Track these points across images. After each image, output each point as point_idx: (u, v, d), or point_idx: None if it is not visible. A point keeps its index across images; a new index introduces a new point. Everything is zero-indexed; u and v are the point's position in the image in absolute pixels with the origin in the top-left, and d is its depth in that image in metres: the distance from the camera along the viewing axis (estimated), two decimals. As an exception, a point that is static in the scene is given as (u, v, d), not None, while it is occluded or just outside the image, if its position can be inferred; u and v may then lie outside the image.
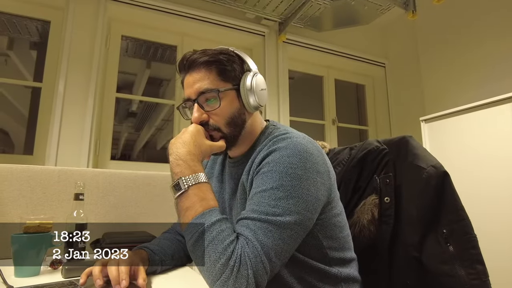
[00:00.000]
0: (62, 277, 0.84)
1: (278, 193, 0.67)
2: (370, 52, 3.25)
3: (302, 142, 0.74)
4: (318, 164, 0.73)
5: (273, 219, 0.64)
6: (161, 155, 5.54)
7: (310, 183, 0.70)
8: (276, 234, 0.64)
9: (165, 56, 2.93)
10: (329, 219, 0.77)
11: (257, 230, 0.64)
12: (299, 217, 0.67)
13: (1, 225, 1.14)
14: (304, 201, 0.68)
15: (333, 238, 0.77)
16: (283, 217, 0.65)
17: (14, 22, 2.35)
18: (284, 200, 0.66)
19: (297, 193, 0.67)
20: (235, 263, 0.60)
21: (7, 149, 2.59)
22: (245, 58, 0.83)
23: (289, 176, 0.68)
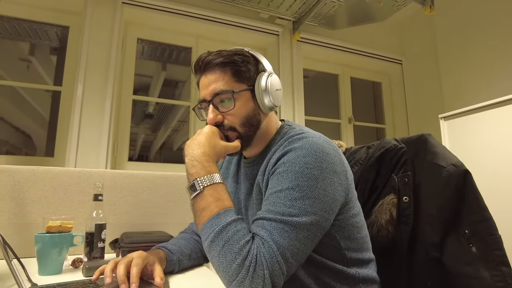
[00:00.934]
0: (83, 275, 0.86)
1: (294, 193, 0.66)
2: (386, 49, 3.20)
3: (318, 141, 0.73)
4: (334, 164, 0.72)
5: (289, 220, 0.64)
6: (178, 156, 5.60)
7: (327, 183, 0.69)
8: (292, 234, 0.63)
9: (180, 58, 2.96)
10: (346, 220, 0.76)
11: (272, 231, 0.63)
12: (315, 217, 0.66)
13: (25, 224, 1.18)
14: (321, 202, 0.67)
15: (350, 238, 0.76)
16: (299, 218, 0.64)
17: (35, 28, 2.43)
18: (300, 201, 0.66)
19: (313, 194, 0.67)
20: (251, 263, 0.59)
21: (30, 151, 2.67)
22: (260, 58, 0.82)
23: (305, 176, 0.67)
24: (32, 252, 0.93)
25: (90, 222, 1.03)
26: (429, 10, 2.29)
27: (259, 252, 0.61)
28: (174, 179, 1.43)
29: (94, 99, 2.14)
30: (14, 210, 1.17)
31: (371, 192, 0.96)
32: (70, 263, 0.98)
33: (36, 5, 2.24)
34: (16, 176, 1.19)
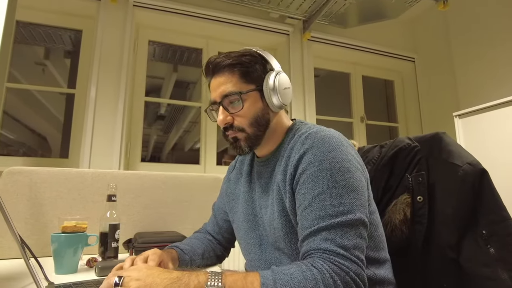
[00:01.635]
0: (96, 275, 0.87)
1: (337, 190, 0.66)
2: (399, 46, 3.15)
3: (335, 135, 0.74)
4: (355, 155, 0.74)
5: (344, 220, 0.63)
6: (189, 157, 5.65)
7: (358, 173, 0.70)
8: (352, 233, 0.63)
9: (191, 59, 2.98)
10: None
11: (334, 238, 0.62)
12: (364, 209, 0.67)
13: (42, 225, 1.20)
14: (362, 193, 0.68)
15: (368, 236, 0.75)
16: (352, 214, 0.64)
17: (49, 33, 2.48)
18: (346, 196, 0.65)
19: (353, 186, 0.67)
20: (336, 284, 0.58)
21: (45, 153, 2.73)
22: (268, 57, 0.83)
23: (339, 171, 0.67)
24: (48, 252, 0.95)
25: (104, 222, 1.04)
26: (442, 6, 2.25)
27: (330, 274, 0.59)
28: (186, 179, 1.44)
29: (107, 101, 2.17)
30: (31, 211, 1.19)
31: (384, 192, 0.94)
32: (85, 262, 1.00)
33: (51, 10, 2.29)
34: (33, 177, 1.22)
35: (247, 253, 0.87)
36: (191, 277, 0.59)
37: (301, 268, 0.60)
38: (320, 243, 0.63)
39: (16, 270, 0.98)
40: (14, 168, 1.21)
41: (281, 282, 0.58)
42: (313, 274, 0.58)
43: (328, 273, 0.58)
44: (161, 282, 0.57)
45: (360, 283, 0.60)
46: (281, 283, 0.58)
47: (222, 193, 1.01)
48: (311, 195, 0.67)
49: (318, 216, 0.65)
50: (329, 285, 0.57)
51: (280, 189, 0.76)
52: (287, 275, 0.59)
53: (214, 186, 1.48)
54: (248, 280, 0.59)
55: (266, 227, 0.80)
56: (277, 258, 0.78)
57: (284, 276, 0.59)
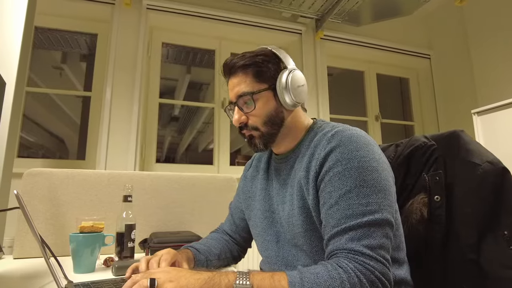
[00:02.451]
0: (112, 274, 0.89)
1: (364, 190, 0.65)
2: (414, 43, 3.10)
3: (361, 134, 0.73)
4: (382, 155, 0.73)
5: (371, 219, 0.63)
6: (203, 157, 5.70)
7: (386, 173, 0.69)
8: (379, 233, 0.63)
9: (204, 61, 3.00)
10: None
11: (361, 238, 0.62)
12: (391, 209, 0.66)
13: (60, 225, 1.23)
14: (389, 193, 0.67)
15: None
16: (380, 214, 0.64)
17: (66, 37, 2.54)
18: (373, 196, 0.65)
19: (381, 186, 0.66)
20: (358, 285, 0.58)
21: (63, 155, 2.79)
22: (283, 56, 0.83)
23: (367, 170, 0.67)
24: (67, 251, 0.97)
25: (120, 223, 1.06)
26: (459, 1, 2.20)
27: (356, 273, 0.59)
28: (201, 180, 1.45)
29: (122, 103, 2.21)
30: (51, 211, 1.22)
31: (400, 192, 0.92)
32: (102, 262, 1.02)
33: (67, 15, 2.35)
34: (52, 179, 1.25)
35: (264, 249, 0.87)
36: (221, 277, 0.60)
37: (327, 267, 0.60)
38: (346, 242, 0.63)
39: (37, 268, 1.00)
40: (34, 169, 1.24)
41: (308, 281, 0.58)
42: (339, 273, 0.59)
43: (354, 272, 0.59)
44: (195, 282, 0.58)
45: (386, 282, 0.60)
46: (307, 281, 0.58)
47: (239, 192, 1.02)
48: (338, 194, 0.67)
49: (345, 215, 0.65)
50: (355, 284, 0.58)
51: (302, 186, 0.75)
52: (313, 274, 0.60)
53: (228, 186, 1.49)
54: (276, 278, 0.60)
55: (284, 224, 0.80)
56: (295, 255, 0.78)
57: (311, 275, 0.59)
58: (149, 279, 0.58)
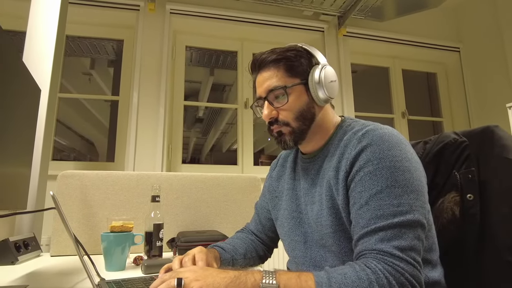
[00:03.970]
0: (142, 273, 0.91)
1: (396, 190, 0.64)
2: (441, 37, 2.99)
3: (393, 133, 0.71)
4: (414, 154, 0.71)
5: (402, 220, 0.61)
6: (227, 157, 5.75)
7: (419, 173, 0.67)
8: (411, 234, 0.61)
9: (226, 62, 3.03)
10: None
11: (391, 239, 0.61)
12: (423, 210, 0.64)
13: (92, 224, 1.28)
14: (422, 193, 0.66)
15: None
16: (411, 215, 0.62)
17: (94, 44, 2.64)
18: (405, 196, 0.63)
19: (413, 187, 0.64)
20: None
21: (93, 157, 2.90)
22: (314, 52, 0.82)
23: (399, 170, 0.65)
24: (98, 250, 1.01)
25: (148, 222, 1.08)
26: (490, -9, 2.10)
27: (385, 274, 0.58)
28: (225, 179, 1.47)
29: (149, 106, 2.27)
30: (83, 211, 1.28)
31: (429, 190, 0.89)
32: (132, 260, 1.05)
33: (95, 23, 2.44)
34: (83, 180, 1.30)
35: (291, 250, 0.87)
36: (247, 275, 0.60)
37: (355, 268, 0.59)
38: (375, 243, 0.62)
39: (72, 266, 1.05)
40: (67, 172, 1.30)
41: (335, 281, 0.57)
42: (367, 274, 0.57)
43: (382, 273, 0.57)
44: (222, 281, 0.58)
45: (417, 285, 0.58)
46: (335, 281, 0.57)
47: (265, 191, 1.01)
48: (369, 194, 0.65)
49: (376, 216, 0.63)
50: (384, 285, 0.56)
51: (331, 186, 0.74)
52: (341, 274, 0.59)
53: (252, 186, 1.50)
54: (302, 278, 0.59)
55: (312, 224, 0.79)
56: (323, 256, 0.77)
57: (338, 276, 0.58)
58: (176, 278, 0.59)
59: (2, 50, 0.72)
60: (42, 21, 1.50)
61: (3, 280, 0.87)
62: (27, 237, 1.23)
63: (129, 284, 0.76)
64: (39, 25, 1.49)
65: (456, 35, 3.04)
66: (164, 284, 0.59)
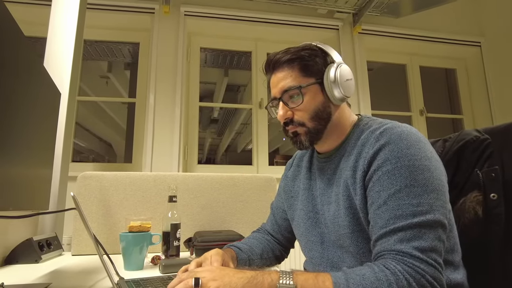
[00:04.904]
0: (160, 272, 0.92)
1: (415, 189, 0.62)
2: (461, 31, 2.91)
3: (411, 130, 0.69)
4: (434, 152, 0.69)
5: (422, 220, 0.60)
6: (242, 158, 5.78)
7: (439, 172, 0.66)
8: (431, 234, 0.60)
9: (240, 63, 3.04)
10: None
11: (411, 239, 0.59)
12: (444, 210, 0.63)
13: (111, 224, 1.30)
14: (442, 193, 0.64)
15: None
16: (431, 214, 0.61)
17: (111, 48, 2.70)
18: (425, 196, 0.62)
19: (433, 186, 0.63)
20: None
21: (111, 158, 2.96)
22: (329, 50, 0.81)
23: (418, 169, 0.63)
24: (117, 249, 1.03)
25: (166, 222, 1.10)
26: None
27: (405, 276, 0.56)
28: (240, 180, 1.47)
29: (165, 108, 2.30)
30: (102, 211, 1.30)
31: (450, 190, 0.87)
32: (149, 260, 1.06)
33: (112, 27, 2.49)
34: (102, 181, 1.32)
35: (308, 250, 0.86)
36: (264, 275, 0.60)
37: (373, 269, 0.58)
38: (394, 244, 0.60)
39: (92, 265, 1.07)
40: (86, 173, 1.33)
41: (353, 282, 0.57)
42: (386, 275, 0.56)
43: (402, 274, 0.56)
44: (238, 281, 0.58)
45: (438, 287, 0.56)
46: (353, 282, 0.57)
47: (280, 191, 1.01)
48: (387, 193, 0.64)
49: (394, 216, 0.62)
50: (403, 287, 0.55)
51: (349, 186, 0.73)
52: (359, 275, 0.58)
53: (268, 186, 1.49)
54: (320, 279, 0.59)
55: (329, 225, 0.78)
56: (340, 257, 0.76)
57: (356, 277, 0.57)
58: (193, 278, 0.59)
59: (25, 56, 0.74)
60: (62, 27, 1.54)
61: (27, 278, 0.90)
62: (50, 236, 1.26)
63: (147, 283, 0.77)
64: (58, 31, 1.54)
65: (477, 29, 2.96)
66: (182, 283, 0.59)
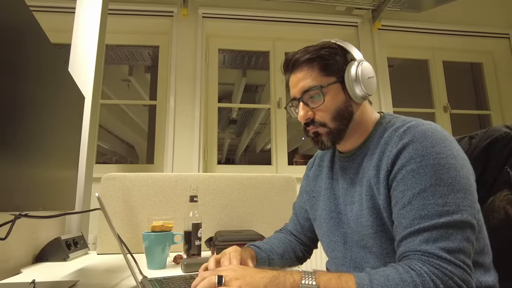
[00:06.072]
0: (182, 271, 0.93)
1: (441, 189, 0.60)
2: (487, 23, 2.80)
3: (437, 128, 0.67)
4: (460, 151, 0.66)
5: (449, 220, 0.58)
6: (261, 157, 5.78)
7: (466, 171, 0.63)
8: (458, 235, 0.57)
9: (258, 63, 3.05)
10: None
11: (437, 240, 0.58)
12: (472, 210, 0.60)
13: (134, 224, 1.33)
14: (470, 192, 0.62)
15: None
16: (458, 215, 0.58)
17: (132, 51, 2.76)
18: (451, 195, 0.60)
19: (460, 185, 0.61)
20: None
21: (134, 159, 3.02)
22: (349, 48, 0.79)
23: (444, 168, 0.61)
24: (140, 248, 1.05)
25: (187, 222, 1.11)
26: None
27: (431, 277, 0.55)
28: (260, 180, 1.47)
29: (185, 110, 2.33)
30: (125, 212, 1.33)
31: (477, 188, 0.84)
32: (172, 259, 1.08)
33: (132, 31, 2.55)
34: (125, 182, 1.36)
35: (330, 250, 0.85)
36: (286, 276, 0.60)
37: (398, 270, 0.57)
38: (420, 244, 0.58)
39: (116, 263, 1.10)
40: (110, 174, 1.36)
41: (377, 283, 0.55)
42: (411, 276, 0.55)
43: (428, 276, 0.54)
44: (260, 280, 0.58)
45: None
46: (377, 283, 0.55)
47: (302, 191, 1.00)
48: (412, 193, 0.62)
49: (419, 215, 0.60)
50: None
51: (372, 185, 0.71)
52: (383, 276, 0.56)
53: (288, 186, 1.49)
54: (343, 279, 0.58)
55: (352, 225, 0.76)
56: (363, 257, 0.74)
57: (380, 278, 0.56)
58: (216, 276, 0.59)
59: (51, 62, 0.77)
60: (85, 33, 1.59)
61: (56, 275, 0.94)
62: (76, 236, 1.31)
63: (170, 282, 0.78)
64: (82, 37, 1.59)
65: (505, 20, 2.83)
66: (205, 280, 0.60)
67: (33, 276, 0.79)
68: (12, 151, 0.58)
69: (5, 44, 0.54)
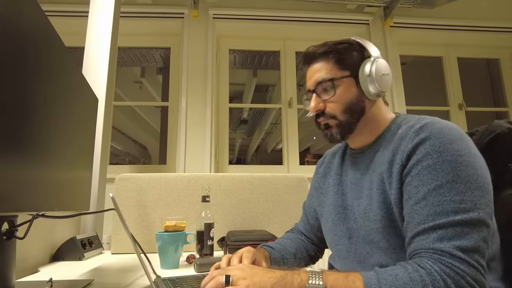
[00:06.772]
0: (195, 271, 0.94)
1: (458, 186, 0.59)
2: (503, 17, 2.73)
3: (454, 126, 0.66)
4: (477, 150, 0.65)
5: (465, 218, 0.57)
6: (272, 157, 5.78)
7: (483, 170, 0.62)
8: (474, 234, 0.56)
9: (269, 63, 3.04)
10: None
11: (452, 238, 0.56)
12: (489, 210, 0.59)
13: (147, 224, 1.35)
14: (487, 191, 0.60)
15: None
16: (475, 213, 0.57)
17: (144, 53, 2.79)
18: (468, 193, 0.58)
19: (478, 183, 0.59)
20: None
21: (146, 160, 3.06)
22: (366, 44, 0.79)
23: (461, 165, 0.60)
24: (153, 248, 1.06)
25: (200, 222, 1.12)
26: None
27: (442, 276, 0.53)
28: (271, 179, 1.47)
29: (196, 110, 2.35)
30: (138, 212, 1.35)
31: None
32: (185, 259, 1.09)
33: (144, 33, 2.58)
34: (138, 183, 1.37)
35: (334, 245, 0.84)
36: (294, 275, 0.60)
37: (407, 269, 0.56)
38: (433, 242, 0.57)
39: (130, 263, 1.12)
40: (123, 175, 1.38)
41: (386, 283, 0.54)
42: (421, 275, 0.53)
43: (439, 275, 0.53)
44: (268, 280, 0.58)
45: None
46: (385, 283, 0.54)
47: (311, 190, 1.00)
48: (427, 188, 0.61)
49: (434, 212, 0.59)
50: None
51: (384, 180, 0.70)
52: (392, 275, 0.55)
53: (299, 185, 1.48)
54: (350, 279, 0.57)
55: (358, 220, 0.76)
56: (368, 252, 0.73)
57: (389, 277, 0.55)
58: (224, 275, 0.60)
59: (66, 65, 0.78)
60: (98, 36, 1.62)
61: (72, 274, 0.96)
62: (91, 235, 1.33)
63: (183, 282, 0.78)
64: (95, 40, 1.61)
65: (520, 16, 2.76)
66: (213, 280, 0.60)
67: (50, 275, 0.80)
68: (30, 153, 0.59)
69: (22, 48, 0.56)
